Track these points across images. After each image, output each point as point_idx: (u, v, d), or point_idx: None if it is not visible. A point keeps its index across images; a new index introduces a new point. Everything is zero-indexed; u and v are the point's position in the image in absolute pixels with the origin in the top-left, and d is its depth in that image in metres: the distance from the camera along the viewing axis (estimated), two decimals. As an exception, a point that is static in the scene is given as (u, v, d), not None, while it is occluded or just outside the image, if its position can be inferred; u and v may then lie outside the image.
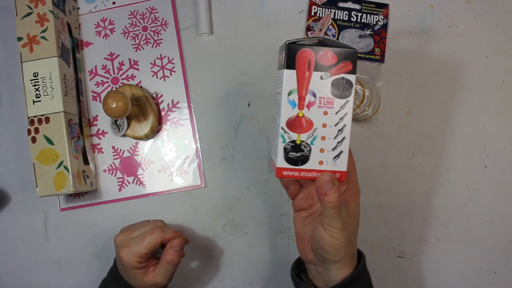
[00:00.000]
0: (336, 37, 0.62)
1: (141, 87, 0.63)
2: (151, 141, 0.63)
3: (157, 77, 0.63)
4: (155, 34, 0.64)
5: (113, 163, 0.63)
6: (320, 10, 0.63)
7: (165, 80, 0.63)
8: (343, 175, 0.41)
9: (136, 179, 0.62)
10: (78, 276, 0.63)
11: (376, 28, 0.62)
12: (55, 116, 0.56)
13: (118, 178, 0.63)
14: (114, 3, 0.65)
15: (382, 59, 0.62)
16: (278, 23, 0.63)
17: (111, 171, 0.63)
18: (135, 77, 0.64)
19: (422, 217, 0.61)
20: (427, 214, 0.61)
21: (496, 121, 0.61)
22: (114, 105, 0.53)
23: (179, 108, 0.63)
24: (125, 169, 0.63)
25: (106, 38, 0.65)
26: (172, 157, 0.62)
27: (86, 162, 0.60)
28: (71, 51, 0.61)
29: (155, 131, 0.62)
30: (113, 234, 0.54)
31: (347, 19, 0.62)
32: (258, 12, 0.64)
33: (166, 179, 0.62)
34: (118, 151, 0.63)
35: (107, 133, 0.63)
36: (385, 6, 0.63)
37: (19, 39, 0.57)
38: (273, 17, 0.64)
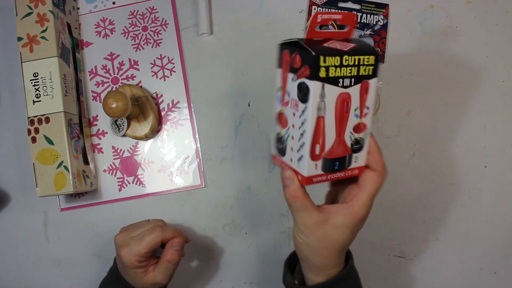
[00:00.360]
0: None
1: (141, 87, 0.63)
2: (151, 141, 0.63)
3: (157, 77, 0.63)
4: (155, 34, 0.64)
5: (113, 163, 0.63)
6: (320, 10, 0.63)
7: (165, 80, 0.63)
8: (303, 179, 0.41)
9: (136, 179, 0.62)
10: (78, 276, 0.63)
11: (376, 28, 0.62)
12: (55, 116, 0.56)
13: (118, 178, 0.63)
14: (114, 3, 0.65)
15: (382, 59, 0.62)
16: (278, 23, 0.63)
17: (111, 171, 0.63)
18: (135, 77, 0.64)
19: (422, 217, 0.61)
20: (427, 214, 0.61)
21: (496, 121, 0.61)
22: (114, 105, 0.53)
23: (179, 108, 0.63)
24: (125, 169, 0.63)
25: (106, 38, 0.65)
26: (172, 157, 0.62)
27: (86, 162, 0.60)
28: (71, 51, 0.61)
29: (155, 131, 0.62)
30: (113, 234, 0.54)
31: (347, 19, 0.62)
32: (258, 12, 0.64)
33: (166, 179, 0.62)
34: (118, 151, 0.63)
35: (107, 133, 0.63)
36: (385, 6, 0.63)
37: (19, 39, 0.57)
38: (273, 17, 0.64)
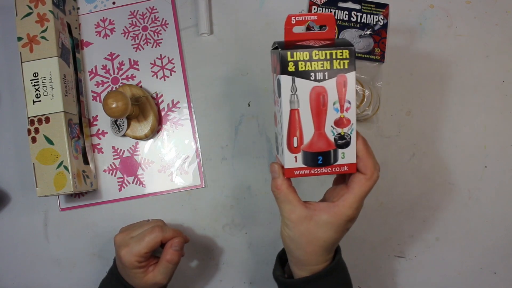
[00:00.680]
0: (336, 37, 0.62)
1: (141, 87, 0.63)
2: (151, 141, 0.63)
3: (157, 77, 0.63)
4: (155, 34, 0.64)
5: (113, 163, 0.63)
6: (320, 10, 0.63)
7: (165, 80, 0.63)
8: (285, 172, 0.42)
9: (136, 179, 0.62)
10: (78, 276, 0.63)
11: (376, 28, 0.62)
12: (55, 116, 0.56)
13: (118, 178, 0.63)
14: (114, 3, 0.65)
15: (382, 59, 0.62)
16: (278, 23, 0.63)
17: (111, 171, 0.63)
18: (135, 77, 0.64)
19: (422, 217, 0.61)
20: (427, 214, 0.61)
21: (496, 121, 0.61)
22: (114, 105, 0.53)
23: (179, 108, 0.63)
24: (125, 169, 0.63)
25: (106, 38, 0.65)
26: (172, 157, 0.62)
27: (86, 162, 0.60)
28: (71, 51, 0.61)
29: (155, 131, 0.62)
30: (113, 234, 0.54)
31: (347, 19, 0.62)
32: (258, 12, 0.64)
33: (166, 179, 0.62)
34: (118, 151, 0.63)
35: (107, 133, 0.63)
36: (385, 6, 0.63)
37: (19, 39, 0.57)
38: (273, 17, 0.64)
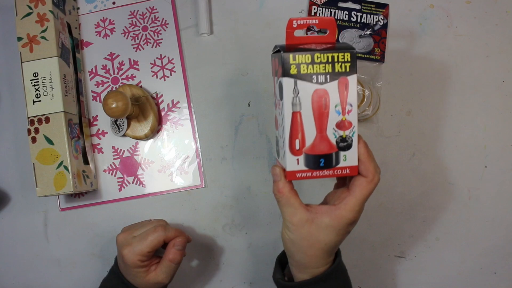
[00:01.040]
0: (336, 37, 0.62)
1: (141, 87, 0.63)
2: (151, 141, 0.63)
3: (157, 77, 0.63)
4: (155, 34, 0.64)
5: (113, 163, 0.63)
6: (320, 10, 0.63)
7: (165, 80, 0.63)
8: (287, 174, 0.43)
9: (136, 179, 0.62)
10: (78, 276, 0.63)
11: (376, 28, 0.62)
12: (55, 116, 0.56)
13: (118, 178, 0.63)
14: (114, 3, 0.65)
15: (382, 59, 0.62)
16: (278, 23, 0.63)
17: (111, 171, 0.63)
18: (135, 77, 0.64)
19: (422, 217, 0.61)
20: (427, 214, 0.61)
21: (496, 121, 0.61)
22: (114, 105, 0.53)
23: (179, 108, 0.63)
24: (125, 169, 0.63)
25: (106, 38, 0.65)
26: (172, 157, 0.62)
27: (86, 162, 0.60)
28: (71, 51, 0.61)
29: (155, 131, 0.62)
30: (113, 234, 0.54)
31: (347, 19, 0.62)
32: (258, 12, 0.64)
33: (166, 179, 0.62)
34: (118, 151, 0.63)
35: (107, 133, 0.63)
36: (385, 6, 0.63)
37: (19, 39, 0.57)
38: (273, 17, 0.64)
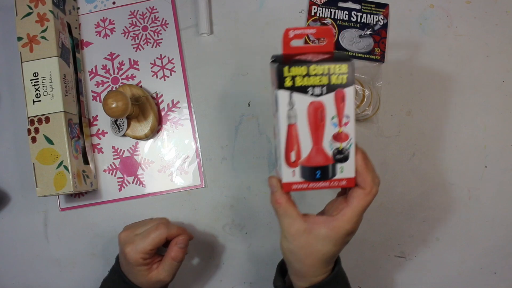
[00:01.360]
0: (336, 37, 0.62)
1: (141, 87, 0.63)
2: (151, 141, 0.63)
3: (157, 77, 0.63)
4: (155, 34, 0.64)
5: (113, 163, 0.63)
6: (320, 10, 0.63)
7: (165, 80, 0.63)
8: (283, 186, 0.43)
9: (136, 179, 0.62)
10: (78, 276, 0.63)
11: (376, 28, 0.62)
12: (55, 116, 0.56)
13: (118, 178, 0.63)
14: (114, 3, 0.65)
15: (382, 59, 0.62)
16: (278, 23, 0.63)
17: (111, 171, 0.63)
18: (135, 77, 0.64)
19: (422, 217, 0.61)
20: (427, 214, 0.61)
21: (496, 121, 0.61)
22: (114, 105, 0.53)
23: (179, 108, 0.63)
24: (125, 169, 0.63)
25: (106, 38, 0.65)
26: (172, 157, 0.62)
27: (86, 162, 0.60)
28: (71, 51, 0.61)
29: (155, 131, 0.62)
30: (113, 234, 0.54)
31: (347, 19, 0.62)
32: (258, 12, 0.64)
33: (166, 179, 0.62)
34: (118, 151, 0.63)
35: (107, 133, 0.63)
36: (385, 6, 0.63)
37: (19, 39, 0.57)
38: (273, 17, 0.64)
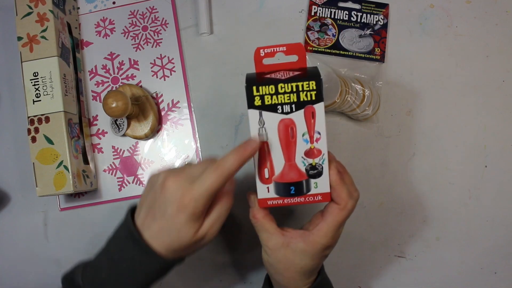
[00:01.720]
0: (336, 37, 0.62)
1: (141, 86, 0.63)
2: (151, 141, 0.63)
3: (157, 77, 0.63)
4: (155, 34, 0.64)
5: (113, 163, 0.63)
6: (320, 10, 0.63)
7: (165, 80, 0.63)
8: (259, 201, 0.46)
9: (136, 179, 0.62)
10: (78, 276, 0.63)
11: (376, 28, 0.62)
12: (55, 116, 0.56)
13: (118, 178, 0.63)
14: (114, 3, 0.65)
15: (382, 59, 0.62)
16: (278, 23, 0.63)
17: (111, 171, 0.63)
18: (135, 76, 0.64)
19: (422, 217, 0.61)
20: (427, 214, 0.61)
21: (496, 121, 0.61)
22: (114, 105, 0.53)
23: (179, 108, 0.63)
24: (125, 169, 0.63)
25: (106, 38, 0.65)
26: (172, 157, 0.62)
27: (86, 162, 0.60)
28: (71, 51, 0.61)
29: (155, 131, 0.62)
30: (113, 234, 0.53)
31: (347, 19, 0.62)
32: (258, 12, 0.64)
33: (166, 179, 0.62)
34: (118, 151, 0.63)
35: (107, 132, 0.63)
36: (385, 6, 0.63)
37: (19, 38, 0.57)
38: (273, 17, 0.64)
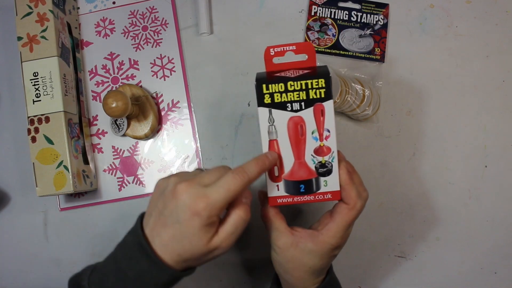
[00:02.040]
0: (336, 37, 0.62)
1: (141, 86, 0.63)
2: (151, 141, 0.63)
3: (157, 77, 0.63)
4: (155, 34, 0.64)
5: (113, 163, 0.63)
6: (320, 10, 0.63)
7: (165, 80, 0.63)
8: (269, 200, 0.46)
9: (136, 179, 0.62)
10: (78, 276, 0.63)
11: (376, 28, 0.62)
12: (55, 116, 0.56)
13: (118, 178, 0.63)
14: (114, 2, 0.65)
15: (382, 59, 0.62)
16: (278, 23, 0.63)
17: (111, 171, 0.63)
18: (135, 76, 0.64)
19: (422, 217, 0.61)
20: (427, 214, 0.61)
21: (496, 121, 0.61)
22: (114, 105, 0.53)
23: (179, 108, 0.63)
24: (125, 169, 0.63)
25: (106, 38, 0.65)
26: (172, 157, 0.62)
27: (86, 162, 0.60)
28: (71, 51, 0.61)
29: (155, 131, 0.62)
30: (113, 234, 0.54)
31: (347, 19, 0.62)
32: (258, 12, 0.64)
33: (166, 179, 0.62)
34: (118, 151, 0.63)
35: (107, 132, 0.63)
36: (385, 5, 0.63)
37: (19, 38, 0.57)
38: (273, 17, 0.64)
